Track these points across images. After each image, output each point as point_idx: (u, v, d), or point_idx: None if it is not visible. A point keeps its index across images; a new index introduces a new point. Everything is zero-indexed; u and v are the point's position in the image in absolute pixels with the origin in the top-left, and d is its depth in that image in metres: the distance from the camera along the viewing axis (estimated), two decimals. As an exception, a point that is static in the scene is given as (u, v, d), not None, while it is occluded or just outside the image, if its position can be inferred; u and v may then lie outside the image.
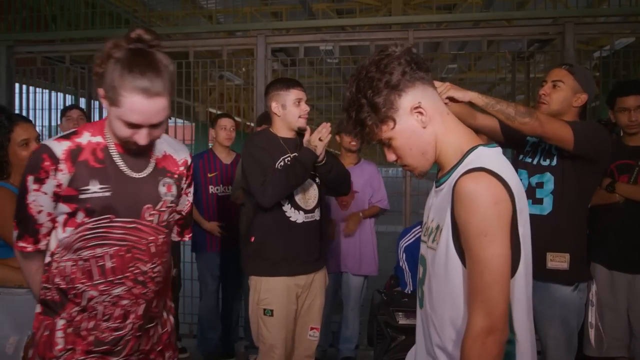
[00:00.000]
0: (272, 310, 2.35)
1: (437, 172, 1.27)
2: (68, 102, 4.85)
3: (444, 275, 1.16)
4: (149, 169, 1.48)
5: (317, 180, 2.45)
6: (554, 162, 2.09)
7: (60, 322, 1.42)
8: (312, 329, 2.50)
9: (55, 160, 1.36)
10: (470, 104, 1.89)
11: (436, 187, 1.25)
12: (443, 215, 1.16)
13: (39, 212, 1.39)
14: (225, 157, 3.58)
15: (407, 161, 1.21)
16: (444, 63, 9.12)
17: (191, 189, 1.64)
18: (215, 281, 3.58)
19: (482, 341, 1.06)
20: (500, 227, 1.08)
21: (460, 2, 7.99)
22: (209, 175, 3.51)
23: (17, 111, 4.33)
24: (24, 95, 4.61)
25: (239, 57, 6.19)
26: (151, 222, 1.45)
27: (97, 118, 4.56)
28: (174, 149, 1.57)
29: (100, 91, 1.33)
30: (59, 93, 4.74)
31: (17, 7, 4.52)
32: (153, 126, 1.35)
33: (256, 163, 2.36)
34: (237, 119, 5.91)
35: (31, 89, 4.64)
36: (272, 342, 2.36)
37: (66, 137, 1.41)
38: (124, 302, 1.42)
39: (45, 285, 1.45)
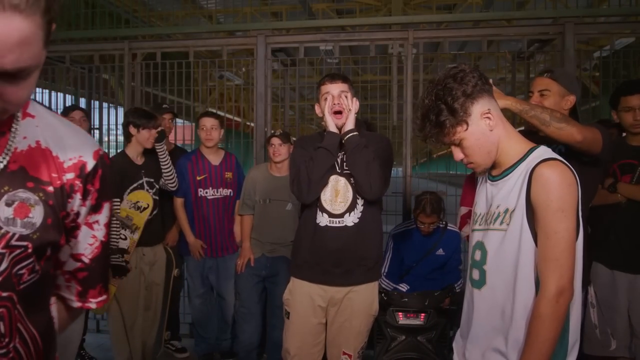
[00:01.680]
0: (289, 313, 2.25)
1: (490, 170, 1.49)
2: (68, 102, 4.83)
3: (517, 251, 1.35)
4: None
5: (354, 180, 2.20)
6: None
7: None
8: (344, 353, 2.26)
9: None
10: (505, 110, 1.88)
11: (492, 181, 1.47)
12: (514, 200, 1.36)
13: None
14: (214, 158, 3.46)
15: (474, 159, 1.43)
16: (444, 63, 9.11)
17: (101, 217, 0.94)
18: (205, 284, 3.54)
19: (555, 300, 1.27)
20: (573, 204, 1.31)
21: (460, 2, 7.99)
22: (198, 178, 3.39)
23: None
24: (24, 95, 4.60)
25: (239, 57, 6.18)
26: None
27: (97, 118, 4.54)
28: (61, 142, 0.89)
29: None
30: (59, 93, 4.73)
31: None
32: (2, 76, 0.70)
33: (290, 163, 2.29)
34: (236, 119, 5.90)
35: (31, 89, 4.62)
36: (286, 346, 2.27)
37: None
38: None
39: None
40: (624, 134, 2.69)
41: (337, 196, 2.18)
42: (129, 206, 3.00)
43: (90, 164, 0.90)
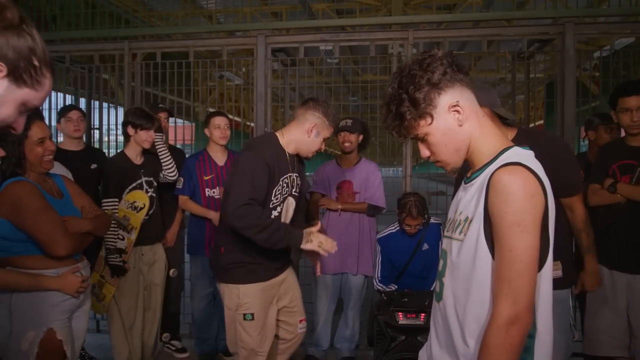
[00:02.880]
0: (252, 314, 2.37)
1: (466, 170, 1.31)
2: (68, 102, 4.83)
3: (471, 266, 1.18)
4: None
5: (295, 195, 2.50)
6: None
7: None
8: (301, 321, 2.61)
9: None
10: None
11: (465, 183, 1.29)
12: (473, 208, 1.19)
13: None
14: (220, 158, 3.50)
15: (441, 157, 1.25)
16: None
17: None
18: (212, 284, 3.51)
19: (505, 329, 1.08)
20: (534, 219, 1.11)
21: (460, 2, 8.00)
22: (205, 178, 3.44)
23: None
24: (24, 95, 4.60)
25: (239, 57, 6.19)
26: None
27: (97, 118, 4.54)
28: None
29: None
30: (58, 93, 4.73)
31: (17, 7, 4.51)
32: None
33: (250, 181, 2.24)
34: (236, 119, 5.91)
35: (31, 89, 4.63)
36: (253, 346, 2.39)
37: None
38: None
39: None
40: (623, 134, 2.69)
41: (288, 213, 2.46)
42: (126, 206, 3.00)
43: None
